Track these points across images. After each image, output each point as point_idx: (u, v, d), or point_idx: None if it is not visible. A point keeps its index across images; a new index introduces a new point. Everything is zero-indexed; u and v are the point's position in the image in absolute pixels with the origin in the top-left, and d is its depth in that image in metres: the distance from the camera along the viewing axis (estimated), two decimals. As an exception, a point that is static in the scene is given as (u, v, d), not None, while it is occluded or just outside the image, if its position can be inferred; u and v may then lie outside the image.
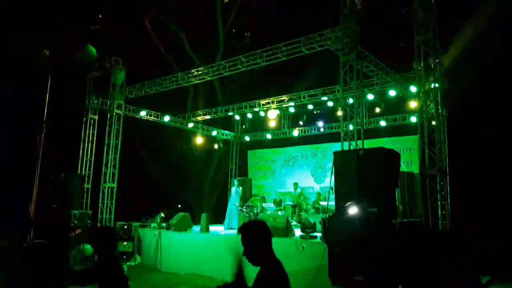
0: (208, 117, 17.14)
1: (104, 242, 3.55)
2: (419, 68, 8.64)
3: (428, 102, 9.16)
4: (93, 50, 4.82)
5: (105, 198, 13.13)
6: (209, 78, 13.22)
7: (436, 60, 8.53)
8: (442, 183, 8.23)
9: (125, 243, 13.33)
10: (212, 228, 12.87)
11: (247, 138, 19.21)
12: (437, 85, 8.74)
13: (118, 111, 13.67)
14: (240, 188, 14.64)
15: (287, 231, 10.46)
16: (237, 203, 13.80)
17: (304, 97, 14.57)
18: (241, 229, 2.69)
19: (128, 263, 12.45)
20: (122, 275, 3.56)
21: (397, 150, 10.76)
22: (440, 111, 9.04)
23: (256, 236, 2.62)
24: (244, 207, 14.63)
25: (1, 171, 12.43)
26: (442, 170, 8.23)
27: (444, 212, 8.22)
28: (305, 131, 17.35)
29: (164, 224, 12.87)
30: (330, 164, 7.59)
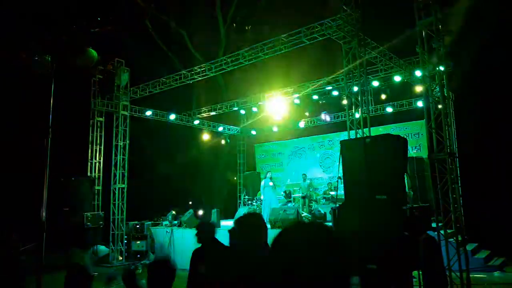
0: (213, 113, 17.15)
1: None
2: (423, 52, 8.54)
3: (434, 86, 9.08)
4: (94, 53, 4.83)
5: (116, 199, 13.24)
6: (212, 75, 13.22)
7: (439, 43, 8.42)
8: (451, 167, 8.16)
9: (138, 242, 13.48)
10: (223, 223, 12.93)
11: (253, 132, 19.21)
12: (441, 68, 8.63)
13: (124, 112, 13.74)
14: (270, 181, 13.91)
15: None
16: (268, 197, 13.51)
17: (308, 88, 14.52)
18: (237, 223, 2.64)
19: (142, 262, 12.58)
20: None
21: (405, 136, 10.72)
22: (446, 94, 8.95)
23: (252, 230, 2.56)
24: (254, 201, 14.69)
25: (10, 177, 12.58)
26: (450, 153, 8.16)
27: (455, 196, 8.16)
28: (311, 122, 17.31)
29: (175, 222, 12.98)
30: (338, 154, 7.56)
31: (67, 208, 12.08)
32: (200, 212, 13.39)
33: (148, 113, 15.22)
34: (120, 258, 12.97)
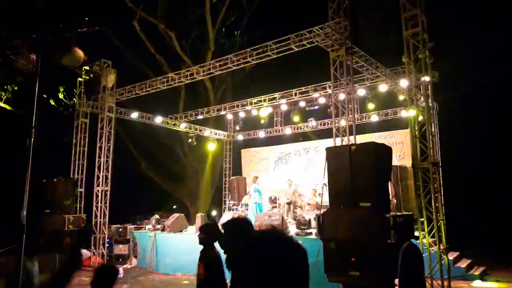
0: (200, 117, 17.09)
1: None
2: (409, 62, 8.68)
3: (419, 96, 9.21)
4: (80, 53, 4.77)
5: (99, 202, 13.05)
6: (200, 78, 13.19)
7: (425, 54, 8.56)
8: (434, 176, 8.27)
9: (121, 246, 13.30)
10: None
11: (240, 137, 19.20)
12: (427, 78, 8.77)
13: (109, 114, 13.58)
14: (258, 186, 13.88)
15: (282, 228, 10.48)
16: (256, 202, 13.47)
17: (295, 94, 14.59)
18: (224, 227, 2.66)
19: (123, 266, 12.42)
20: None
21: (390, 144, 10.82)
22: (430, 104, 9.09)
23: (239, 233, 2.58)
24: (240, 206, 14.65)
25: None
26: (434, 162, 8.27)
27: (437, 205, 8.27)
28: (297, 128, 17.39)
29: (159, 226, 12.85)
30: (323, 160, 7.61)
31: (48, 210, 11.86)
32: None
33: (134, 115, 15.09)
34: (102, 261, 12.77)
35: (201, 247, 4.21)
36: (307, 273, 1.27)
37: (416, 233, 7.84)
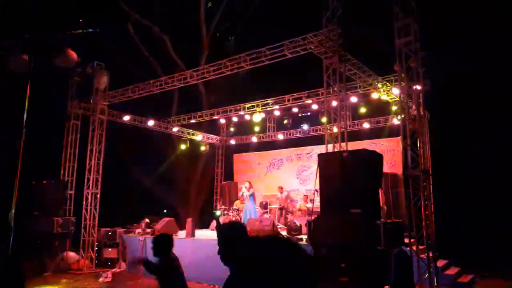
0: (193, 121, 17.06)
1: None
2: (400, 70, 8.77)
3: (410, 104, 9.30)
4: (73, 54, 4.76)
5: (89, 204, 12.93)
6: (193, 82, 13.18)
7: (417, 62, 8.66)
8: (425, 184, 8.34)
9: (110, 249, 13.18)
10: (198, 232, 12.79)
11: (232, 142, 19.21)
12: (418, 87, 8.86)
13: (101, 116, 13.50)
14: (248, 190, 13.52)
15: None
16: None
17: (288, 100, 14.64)
18: (220, 229, 2.70)
19: (112, 270, 12.29)
20: None
21: (381, 152, 10.90)
22: (422, 112, 9.18)
23: (234, 236, 2.62)
24: (231, 211, 14.62)
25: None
26: (424, 170, 8.34)
27: (427, 212, 8.32)
28: (290, 134, 17.44)
29: (149, 230, 12.76)
30: (315, 166, 7.64)
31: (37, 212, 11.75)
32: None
33: (126, 118, 15.01)
34: (91, 265, 12.64)
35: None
36: (311, 277, 1.29)
37: (406, 240, 7.88)
